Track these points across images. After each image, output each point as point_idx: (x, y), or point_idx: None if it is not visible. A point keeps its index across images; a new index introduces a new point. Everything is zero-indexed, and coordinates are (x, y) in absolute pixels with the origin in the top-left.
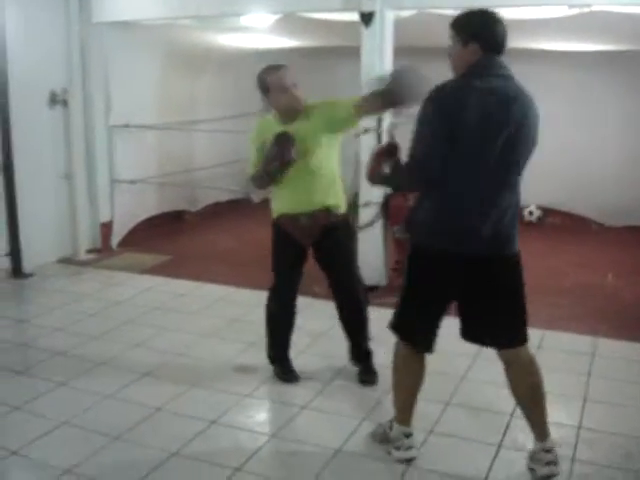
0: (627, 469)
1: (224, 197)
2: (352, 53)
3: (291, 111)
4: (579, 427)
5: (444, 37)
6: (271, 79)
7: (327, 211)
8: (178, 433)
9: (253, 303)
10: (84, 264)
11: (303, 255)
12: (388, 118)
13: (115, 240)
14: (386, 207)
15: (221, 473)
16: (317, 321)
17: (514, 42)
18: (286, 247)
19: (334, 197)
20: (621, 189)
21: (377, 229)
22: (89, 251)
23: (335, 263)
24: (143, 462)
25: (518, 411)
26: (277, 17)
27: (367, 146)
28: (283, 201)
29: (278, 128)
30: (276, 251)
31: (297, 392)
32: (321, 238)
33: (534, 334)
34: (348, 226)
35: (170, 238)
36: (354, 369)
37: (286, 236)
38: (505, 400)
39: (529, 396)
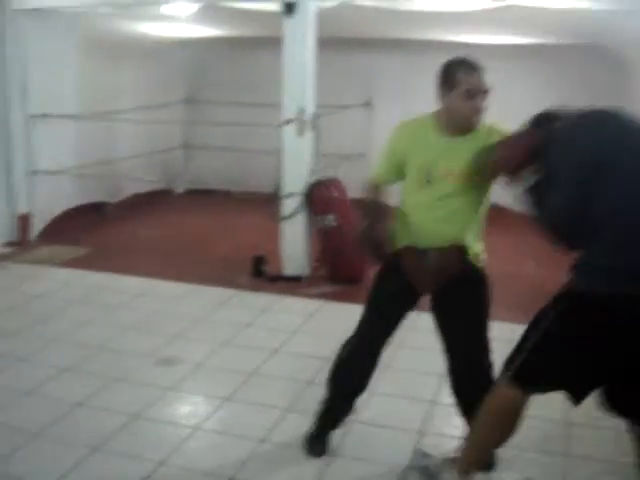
0: (545, 451)
1: (145, 188)
2: (276, 43)
3: (465, 124)
4: None
5: (367, 28)
6: (466, 79)
7: (461, 251)
8: (100, 428)
9: (175, 295)
10: (1, 258)
11: (412, 303)
12: (311, 107)
13: (34, 233)
14: (310, 197)
15: (144, 467)
16: (241, 312)
17: (434, 34)
18: (392, 287)
19: (472, 238)
20: None
21: (300, 220)
22: (6, 244)
23: (460, 329)
24: (65, 458)
25: (438, 398)
26: (199, 6)
27: (290, 136)
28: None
29: (436, 138)
30: (378, 287)
31: (221, 384)
32: (447, 287)
33: None
34: (484, 281)
35: (90, 230)
36: (278, 359)
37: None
38: (425, 387)
39: None
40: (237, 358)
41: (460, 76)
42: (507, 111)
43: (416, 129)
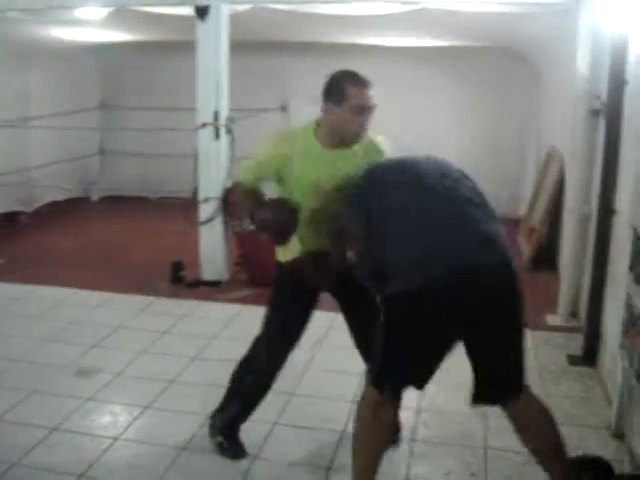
0: (465, 444)
1: (61, 196)
2: (190, 47)
3: (349, 139)
4: (418, 409)
5: (280, 31)
6: (355, 94)
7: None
8: (18, 443)
9: (93, 304)
10: None
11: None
12: (225, 111)
13: None
14: (225, 202)
15: None
16: (160, 320)
17: (347, 37)
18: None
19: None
20: None
21: (217, 224)
22: None
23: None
24: None
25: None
26: (109, 10)
27: (205, 140)
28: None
29: (317, 148)
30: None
31: (140, 392)
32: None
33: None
34: None
35: (4, 240)
36: (197, 365)
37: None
38: (343, 387)
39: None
40: (156, 366)
41: (350, 90)
42: (424, 112)
43: (296, 137)
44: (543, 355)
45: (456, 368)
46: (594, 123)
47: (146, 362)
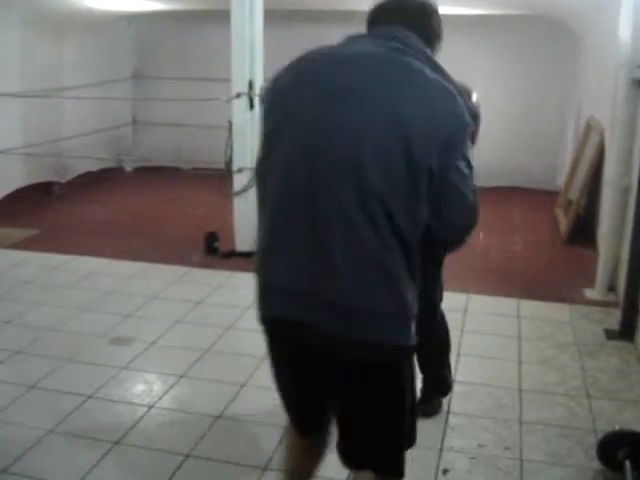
0: (500, 418)
1: (95, 166)
2: (225, 17)
3: None
4: (452, 381)
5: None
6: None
7: None
8: (54, 410)
9: (127, 274)
10: None
11: None
12: (260, 81)
13: None
14: None
15: (100, 447)
16: (194, 290)
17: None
18: None
19: None
20: (489, 150)
21: (251, 195)
22: None
23: None
24: (18, 442)
25: None
26: None
27: (239, 110)
28: None
29: None
30: None
31: (175, 361)
32: None
33: None
34: None
35: (39, 211)
36: (231, 335)
37: None
38: None
39: None
40: (191, 335)
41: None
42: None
43: None
44: (581, 329)
45: (490, 341)
46: (636, 92)
47: (181, 332)
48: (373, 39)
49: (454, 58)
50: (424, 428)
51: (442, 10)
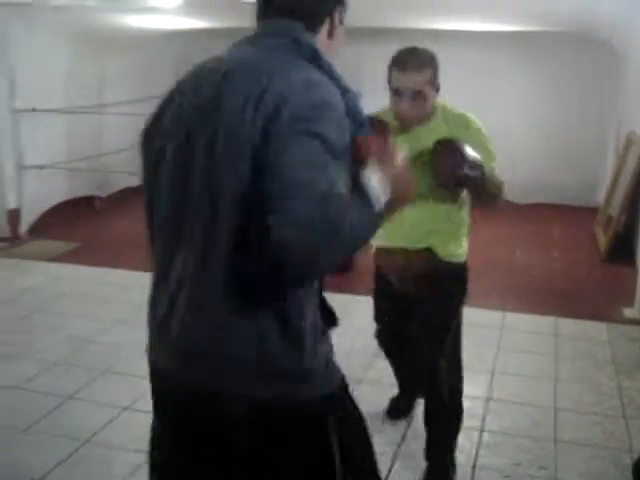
0: (535, 437)
1: (136, 182)
2: None
3: (399, 121)
4: (488, 399)
5: (353, 17)
6: (393, 75)
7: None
8: (90, 421)
9: None
10: None
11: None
12: None
13: (23, 227)
14: None
15: (135, 459)
16: None
17: (419, 23)
18: (383, 293)
19: (441, 239)
20: (528, 167)
21: None
22: None
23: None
24: (54, 451)
25: None
26: None
27: None
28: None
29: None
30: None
31: None
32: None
33: None
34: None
35: (80, 224)
36: None
37: (382, 278)
38: None
39: None
40: None
41: (390, 73)
42: (498, 97)
43: None
44: (618, 348)
45: (527, 359)
46: None
47: None
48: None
49: (489, 75)
50: (458, 443)
51: (476, 27)
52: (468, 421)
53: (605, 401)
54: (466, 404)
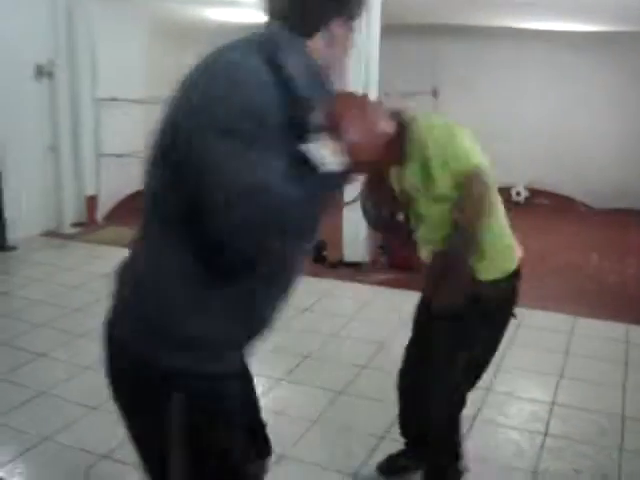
0: (599, 445)
1: None
2: None
3: None
4: (553, 403)
5: (431, 14)
6: None
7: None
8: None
9: None
10: (69, 237)
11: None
12: (375, 93)
13: (100, 214)
14: None
15: None
16: (301, 296)
17: (501, 21)
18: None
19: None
20: (609, 171)
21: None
22: (74, 224)
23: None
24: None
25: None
26: None
27: None
28: None
29: None
30: None
31: (276, 365)
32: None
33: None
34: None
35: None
36: (335, 343)
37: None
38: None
39: None
40: (294, 341)
41: None
42: (577, 99)
43: None
44: None
45: (596, 365)
46: None
47: (284, 336)
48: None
49: (570, 75)
50: (518, 448)
51: (560, 26)
52: (531, 424)
53: None
54: (531, 407)
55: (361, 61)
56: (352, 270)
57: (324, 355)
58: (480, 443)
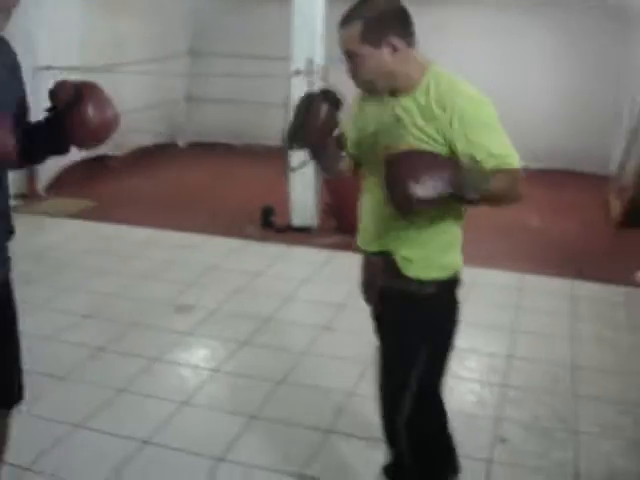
0: (555, 392)
1: (149, 141)
2: None
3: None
4: (509, 356)
5: None
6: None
7: (386, 259)
8: (122, 372)
9: (184, 245)
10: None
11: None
12: (320, 59)
13: (41, 185)
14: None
15: (169, 407)
16: (252, 261)
17: None
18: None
19: (410, 246)
20: (543, 131)
21: (309, 171)
22: (15, 196)
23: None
24: (90, 400)
25: None
26: None
27: (298, 88)
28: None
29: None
30: None
31: (237, 329)
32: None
33: (466, 271)
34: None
35: (96, 183)
36: (290, 306)
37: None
38: None
39: None
40: (251, 305)
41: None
42: (512, 61)
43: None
44: (635, 312)
45: (544, 317)
46: None
47: (241, 301)
48: None
49: (506, 36)
50: (480, 398)
51: None
52: (491, 376)
53: (622, 359)
54: (488, 361)
55: (307, 26)
56: (301, 235)
57: (283, 318)
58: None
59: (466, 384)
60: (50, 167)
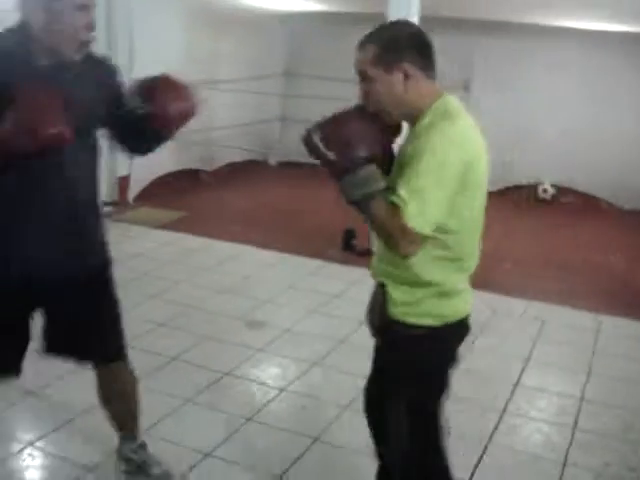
0: (626, 439)
1: (240, 157)
2: (378, 20)
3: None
4: (581, 399)
5: (469, 8)
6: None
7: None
8: (192, 382)
9: (265, 262)
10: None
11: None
12: None
13: (132, 194)
14: None
15: (233, 422)
16: (330, 283)
17: (541, 18)
18: None
19: (394, 286)
20: (636, 172)
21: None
22: (106, 204)
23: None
24: (158, 408)
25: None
26: None
27: None
28: None
29: None
30: None
31: (309, 349)
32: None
33: (540, 308)
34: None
35: (185, 195)
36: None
37: None
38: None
39: None
40: (326, 326)
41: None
42: (603, 100)
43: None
44: None
45: (621, 361)
46: None
47: (316, 321)
48: None
49: (600, 75)
50: (548, 440)
51: (590, 25)
52: (560, 418)
53: None
54: (559, 402)
55: None
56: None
57: (356, 341)
58: (509, 434)
59: (534, 424)
60: (142, 177)
